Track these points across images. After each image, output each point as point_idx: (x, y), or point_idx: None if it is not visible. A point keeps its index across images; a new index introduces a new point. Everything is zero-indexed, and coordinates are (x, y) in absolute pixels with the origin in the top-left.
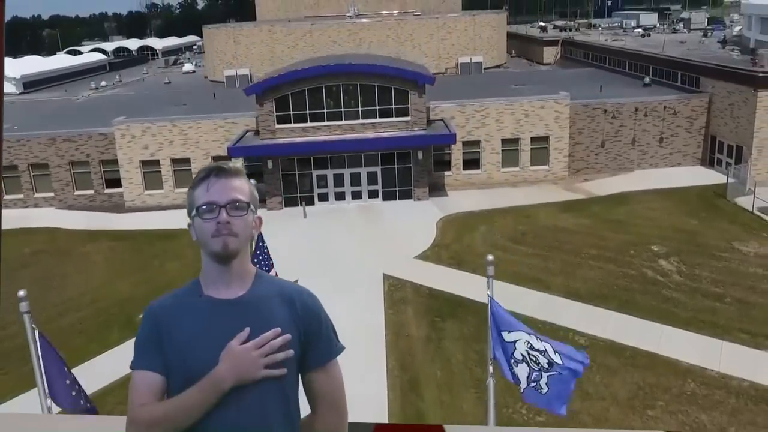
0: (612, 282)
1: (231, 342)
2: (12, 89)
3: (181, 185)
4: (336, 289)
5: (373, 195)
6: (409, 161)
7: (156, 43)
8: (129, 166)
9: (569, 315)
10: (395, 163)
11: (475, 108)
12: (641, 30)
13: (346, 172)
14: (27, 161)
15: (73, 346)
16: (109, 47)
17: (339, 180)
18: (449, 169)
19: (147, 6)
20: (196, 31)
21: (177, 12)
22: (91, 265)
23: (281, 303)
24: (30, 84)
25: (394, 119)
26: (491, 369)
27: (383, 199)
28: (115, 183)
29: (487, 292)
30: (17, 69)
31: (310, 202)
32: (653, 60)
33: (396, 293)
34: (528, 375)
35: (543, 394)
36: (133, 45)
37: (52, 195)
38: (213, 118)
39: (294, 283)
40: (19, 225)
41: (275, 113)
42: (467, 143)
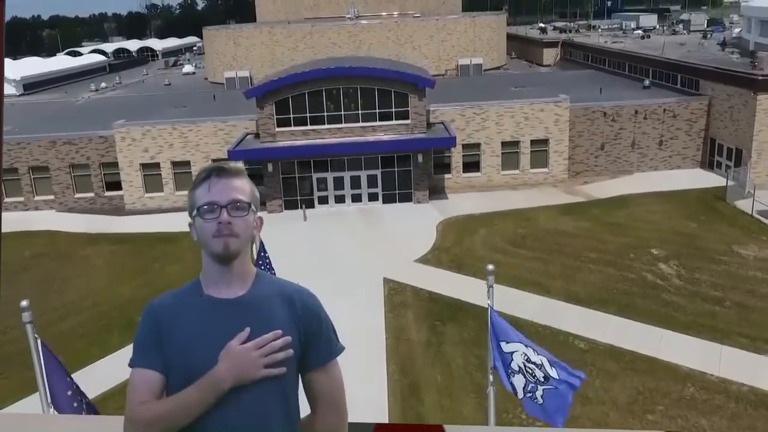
0: (612, 286)
1: (231, 342)
2: (12, 91)
3: (182, 188)
4: (336, 293)
5: (373, 198)
6: (409, 164)
7: (156, 44)
8: (129, 169)
9: (569, 319)
10: (395, 166)
11: (475, 111)
12: (641, 32)
13: (346, 175)
14: (27, 164)
15: (74, 350)
16: (109, 48)
17: (339, 183)
18: (449, 172)
19: (147, 6)
20: (195, 32)
21: (177, 12)
22: (92, 269)
23: (281, 303)
24: (30, 85)
25: (394, 122)
26: (491, 378)
27: (383, 202)
28: (116, 186)
29: (488, 301)
30: (17, 70)
31: (310, 205)
32: (653, 62)
33: (396, 297)
34: (524, 386)
35: (539, 405)
36: (133, 46)
37: (52, 198)
38: (213, 121)
39: (294, 284)
40: (20, 228)
41: (275, 116)
42: (467, 146)
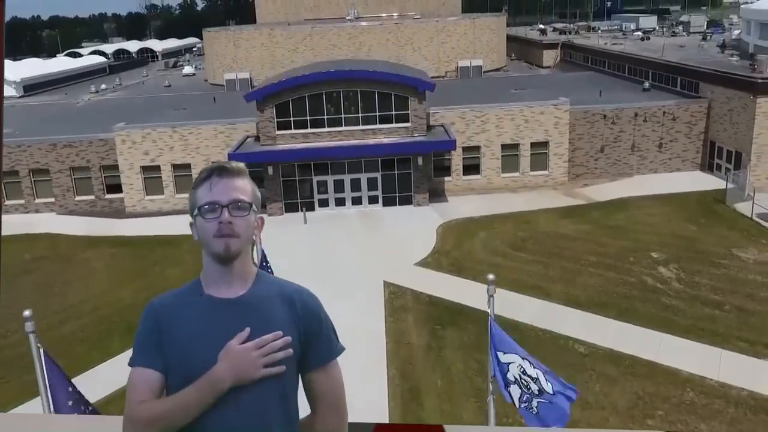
0: (611, 289)
1: (231, 342)
2: (12, 92)
3: (182, 191)
4: (336, 296)
5: (374, 201)
6: (409, 167)
7: (156, 45)
8: (130, 171)
9: (569, 323)
10: (395, 169)
11: (475, 114)
12: (641, 33)
13: (346, 177)
14: (28, 167)
15: (75, 354)
16: (109, 49)
17: (339, 186)
18: (449, 175)
19: (146, 7)
20: (195, 33)
21: (176, 13)
22: (92, 272)
23: (281, 303)
24: (30, 87)
25: (394, 125)
26: (491, 387)
27: (383, 205)
28: (116, 188)
29: (488, 309)
30: (17, 72)
31: (310, 207)
32: (653, 64)
33: (396, 301)
34: (520, 396)
35: (535, 414)
36: (133, 47)
37: (53, 200)
38: (213, 123)
39: (295, 283)
40: (20, 231)
41: (276, 119)
42: (467, 149)
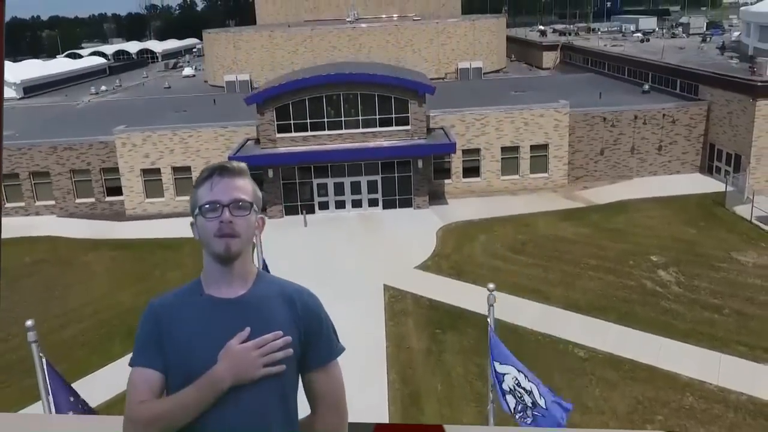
0: (611, 293)
1: (230, 341)
2: (12, 94)
3: (182, 193)
4: (336, 299)
5: (374, 203)
6: (409, 170)
7: (156, 46)
8: (130, 174)
9: (569, 327)
10: (395, 172)
11: (475, 116)
12: (640, 35)
13: (346, 180)
14: (28, 169)
15: (76, 358)
16: (109, 50)
17: (339, 189)
18: (449, 177)
19: (146, 7)
20: (195, 33)
21: (176, 13)
22: (93, 275)
23: (282, 303)
24: (30, 89)
25: (394, 128)
26: (491, 395)
27: (383, 208)
28: (116, 191)
29: (488, 319)
30: (17, 74)
31: (310, 210)
32: (652, 67)
33: (396, 304)
34: (515, 406)
35: (532, 422)
36: (133, 48)
37: (53, 203)
38: (213, 126)
39: (295, 283)
40: (21, 233)
41: (276, 122)
42: (467, 151)
